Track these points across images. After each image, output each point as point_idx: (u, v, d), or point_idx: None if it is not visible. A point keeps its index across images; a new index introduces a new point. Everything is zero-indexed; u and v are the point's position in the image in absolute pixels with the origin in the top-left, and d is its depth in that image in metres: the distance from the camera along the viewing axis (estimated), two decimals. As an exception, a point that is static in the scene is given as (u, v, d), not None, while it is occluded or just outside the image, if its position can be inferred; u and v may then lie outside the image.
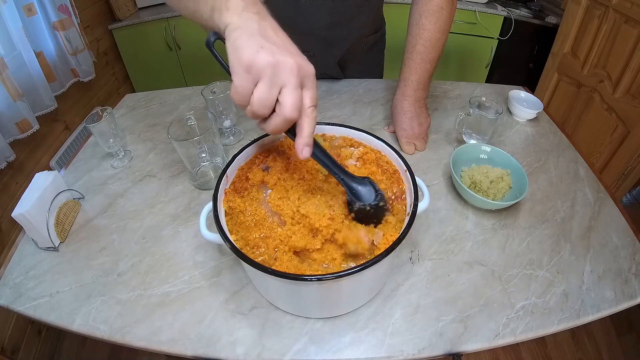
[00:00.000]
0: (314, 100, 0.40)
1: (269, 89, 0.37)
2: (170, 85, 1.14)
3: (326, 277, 0.39)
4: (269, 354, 0.48)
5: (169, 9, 2.10)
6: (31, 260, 0.60)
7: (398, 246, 0.42)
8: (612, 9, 1.39)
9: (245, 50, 0.37)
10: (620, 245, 0.61)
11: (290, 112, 0.37)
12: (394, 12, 1.68)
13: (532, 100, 0.89)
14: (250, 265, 0.40)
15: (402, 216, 0.49)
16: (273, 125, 0.39)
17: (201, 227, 0.49)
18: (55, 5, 1.53)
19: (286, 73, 0.37)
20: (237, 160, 0.54)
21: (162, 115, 0.93)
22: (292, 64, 0.37)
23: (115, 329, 0.51)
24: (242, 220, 0.48)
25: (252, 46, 0.37)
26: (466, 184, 0.67)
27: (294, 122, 0.39)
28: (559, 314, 0.51)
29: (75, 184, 0.74)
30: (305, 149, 0.40)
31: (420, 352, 0.48)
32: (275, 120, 0.39)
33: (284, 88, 0.37)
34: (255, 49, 0.37)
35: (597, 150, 1.51)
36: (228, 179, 0.53)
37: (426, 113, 0.79)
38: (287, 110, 0.37)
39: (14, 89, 1.26)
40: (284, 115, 0.38)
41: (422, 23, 0.71)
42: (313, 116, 0.40)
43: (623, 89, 1.36)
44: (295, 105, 0.38)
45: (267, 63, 0.36)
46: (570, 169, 0.75)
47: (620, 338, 1.30)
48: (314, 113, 0.40)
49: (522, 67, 2.16)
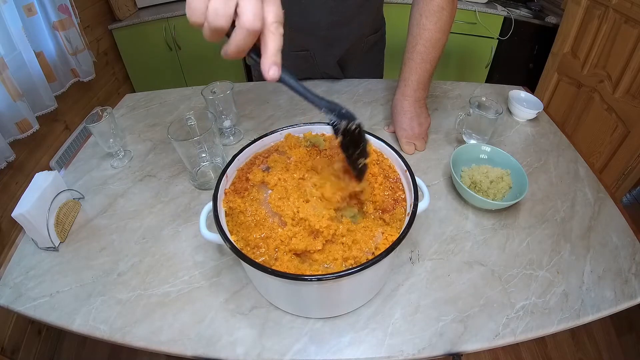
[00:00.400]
0: (277, 16, 0.35)
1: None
2: (170, 85, 1.14)
3: (326, 277, 0.39)
4: (269, 354, 0.48)
5: (169, 9, 2.10)
6: (31, 260, 0.60)
7: (398, 246, 0.42)
8: (612, 9, 1.39)
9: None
10: (620, 245, 0.61)
11: (251, 22, 0.33)
12: (394, 12, 1.68)
13: (532, 100, 0.89)
14: (251, 266, 0.40)
15: (402, 216, 0.49)
16: (235, 42, 0.34)
17: (201, 227, 0.49)
18: (55, 5, 1.54)
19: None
20: (237, 160, 0.54)
21: (162, 115, 0.93)
22: None
23: (115, 329, 0.51)
24: (242, 220, 0.48)
25: None
26: (466, 184, 0.67)
27: (257, 34, 0.35)
28: (559, 314, 0.51)
29: (75, 184, 0.74)
30: (273, 67, 0.36)
31: (420, 352, 0.48)
32: (237, 36, 0.34)
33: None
34: None
35: (597, 150, 1.51)
36: (228, 179, 0.53)
37: (426, 113, 0.79)
38: (248, 19, 0.33)
39: (14, 89, 1.26)
40: (244, 25, 0.33)
41: (422, 23, 0.71)
42: (279, 32, 0.36)
43: (623, 89, 1.36)
44: (256, 14, 0.33)
45: None
46: (570, 169, 0.75)
47: (620, 338, 1.30)
48: (279, 29, 0.36)
49: (522, 67, 2.16)
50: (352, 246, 0.45)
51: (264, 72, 0.36)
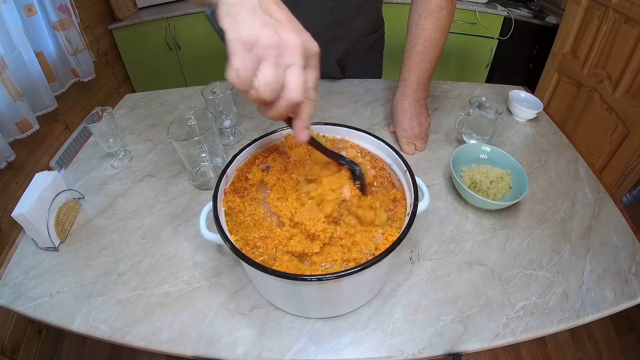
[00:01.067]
0: (316, 81, 0.38)
1: (276, 70, 0.33)
2: (170, 85, 1.14)
3: (326, 277, 0.39)
4: (269, 354, 0.48)
5: (169, 9, 2.10)
6: (31, 260, 0.60)
7: (398, 246, 0.42)
8: (612, 9, 1.39)
9: (246, 27, 0.33)
10: (620, 245, 0.61)
11: (297, 95, 0.35)
12: (393, 11, 1.69)
13: (532, 100, 0.89)
14: (251, 266, 0.40)
15: (402, 216, 0.49)
16: (277, 110, 0.36)
17: (201, 227, 0.49)
18: (55, 5, 1.53)
19: (292, 53, 0.34)
20: (236, 160, 0.54)
21: (162, 115, 0.93)
22: (298, 43, 0.34)
23: (115, 329, 0.51)
24: (241, 220, 0.48)
25: (255, 22, 0.33)
26: (466, 184, 0.67)
27: (300, 105, 0.37)
28: (559, 314, 0.51)
29: (75, 184, 0.74)
30: (305, 131, 0.39)
31: (420, 352, 0.48)
32: (280, 105, 0.35)
33: (289, 69, 0.34)
34: (258, 26, 0.33)
35: (597, 150, 1.51)
36: (228, 178, 0.53)
37: (426, 113, 0.79)
38: (294, 93, 0.34)
39: (14, 89, 1.26)
40: (290, 99, 0.35)
41: (421, 23, 0.71)
42: (314, 98, 0.38)
43: (623, 89, 1.36)
44: (301, 87, 0.35)
45: (272, 41, 0.33)
46: (570, 169, 0.75)
47: (620, 338, 1.30)
48: (315, 96, 0.38)
49: (522, 67, 2.16)
50: (351, 248, 0.45)
51: (296, 134, 0.39)
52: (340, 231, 0.46)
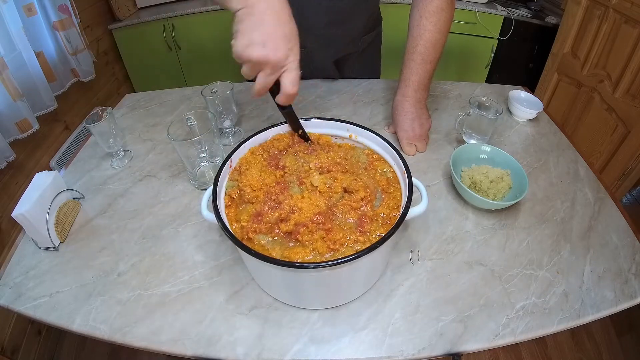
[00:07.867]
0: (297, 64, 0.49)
1: (266, 77, 0.48)
2: (170, 85, 1.14)
3: (324, 265, 0.40)
4: (269, 354, 0.48)
5: (169, 9, 2.10)
6: (31, 260, 0.60)
7: (389, 239, 0.43)
8: (612, 9, 1.39)
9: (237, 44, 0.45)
10: (620, 245, 0.61)
11: (291, 89, 0.49)
12: (392, 11, 1.69)
13: (532, 100, 0.89)
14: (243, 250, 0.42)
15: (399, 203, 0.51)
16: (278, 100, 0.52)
17: (202, 209, 0.50)
18: (55, 5, 1.53)
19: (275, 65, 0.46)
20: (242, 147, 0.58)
21: (162, 115, 0.93)
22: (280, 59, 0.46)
23: (115, 329, 0.51)
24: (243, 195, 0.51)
25: (243, 41, 0.45)
26: (466, 184, 0.67)
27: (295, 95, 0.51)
28: (559, 314, 0.51)
29: (75, 184, 0.74)
30: (284, 97, 0.51)
31: (420, 352, 0.48)
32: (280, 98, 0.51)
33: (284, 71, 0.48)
34: (244, 44, 0.44)
35: (597, 150, 1.51)
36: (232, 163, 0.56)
37: (427, 114, 0.79)
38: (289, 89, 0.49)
39: (14, 89, 1.26)
40: (287, 93, 0.50)
41: (422, 24, 0.71)
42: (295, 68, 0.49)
43: (623, 89, 1.36)
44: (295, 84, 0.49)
45: (256, 59, 0.45)
46: (570, 169, 0.75)
47: (620, 338, 1.30)
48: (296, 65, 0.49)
49: (522, 67, 2.16)
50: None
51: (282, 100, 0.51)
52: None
